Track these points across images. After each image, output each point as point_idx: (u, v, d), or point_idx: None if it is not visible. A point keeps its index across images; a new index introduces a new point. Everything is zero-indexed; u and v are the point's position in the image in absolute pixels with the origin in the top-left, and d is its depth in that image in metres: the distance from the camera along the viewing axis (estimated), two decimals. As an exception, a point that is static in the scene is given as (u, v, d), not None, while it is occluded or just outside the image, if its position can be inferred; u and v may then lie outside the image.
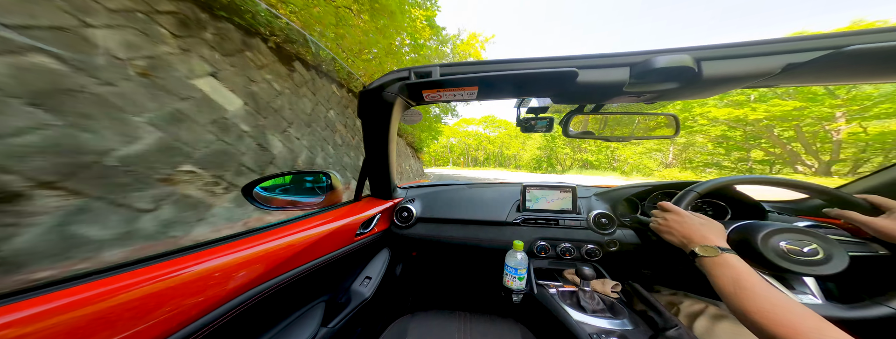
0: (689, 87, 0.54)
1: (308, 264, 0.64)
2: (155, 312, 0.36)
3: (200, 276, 0.41)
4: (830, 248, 0.56)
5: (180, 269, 0.40)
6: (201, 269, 0.42)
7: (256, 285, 0.50)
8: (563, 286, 0.81)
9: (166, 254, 0.43)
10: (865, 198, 0.62)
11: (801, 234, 0.58)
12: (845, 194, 0.64)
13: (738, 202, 0.90)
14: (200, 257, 0.43)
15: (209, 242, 0.49)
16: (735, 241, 0.63)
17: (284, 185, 0.91)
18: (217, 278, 0.43)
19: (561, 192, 0.99)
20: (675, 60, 0.49)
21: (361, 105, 0.70)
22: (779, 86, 0.61)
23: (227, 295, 0.44)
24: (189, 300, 0.39)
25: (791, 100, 17.97)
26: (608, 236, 0.90)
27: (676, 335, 0.58)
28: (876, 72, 0.50)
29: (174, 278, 0.38)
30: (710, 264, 0.52)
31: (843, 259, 0.54)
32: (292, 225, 0.65)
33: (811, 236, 0.58)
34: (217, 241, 0.50)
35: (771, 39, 0.47)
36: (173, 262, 0.40)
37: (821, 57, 0.44)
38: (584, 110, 0.76)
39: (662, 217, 0.68)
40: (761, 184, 0.72)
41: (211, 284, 0.42)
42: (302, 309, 0.73)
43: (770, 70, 0.48)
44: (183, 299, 0.39)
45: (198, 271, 0.41)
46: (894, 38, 0.42)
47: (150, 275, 0.37)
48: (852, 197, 0.63)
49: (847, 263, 0.54)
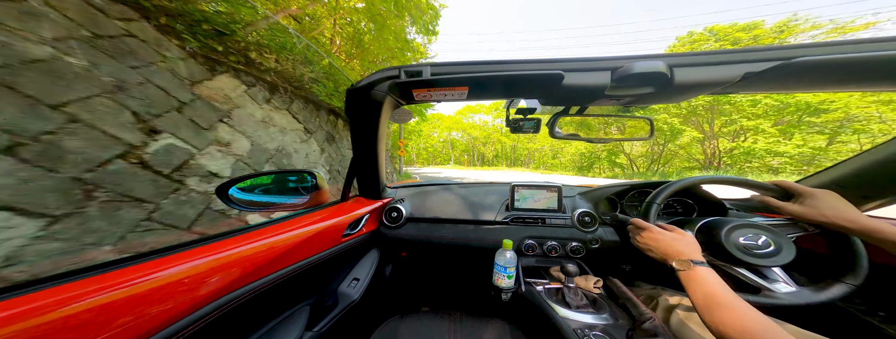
0: (662, 91, 0.58)
1: (291, 267, 0.62)
2: (113, 323, 0.33)
3: (167, 282, 0.39)
4: (780, 240, 0.63)
5: (142, 276, 0.37)
6: (168, 274, 0.39)
7: (233, 289, 0.48)
8: (549, 284, 0.83)
9: (125, 260, 0.40)
10: (776, 183, 0.68)
11: (755, 228, 0.65)
12: (757, 182, 0.70)
13: (703, 201, 0.97)
14: (166, 262, 0.41)
15: (178, 246, 0.46)
16: (703, 241, 0.68)
17: (265, 185, 0.87)
18: (187, 283, 0.41)
19: (548, 191, 1.01)
20: (650, 66, 0.51)
21: (349, 103, 0.68)
22: (740, 93, 0.66)
23: (199, 301, 0.42)
24: (154, 307, 0.37)
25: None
26: (591, 233, 0.93)
27: (651, 328, 0.61)
28: (819, 82, 0.55)
29: (137, 286, 0.36)
30: (685, 277, 0.54)
31: (791, 249, 0.61)
32: (274, 227, 0.62)
33: (763, 229, 0.64)
34: (186, 245, 0.47)
35: (732, 49, 0.51)
36: (134, 269, 0.38)
37: (773, 67, 0.48)
38: (569, 112, 0.79)
39: (639, 234, 0.70)
40: (694, 185, 0.78)
41: (180, 290, 0.40)
42: (284, 313, 0.70)
43: (731, 78, 0.51)
44: (147, 307, 0.36)
45: (164, 277, 0.39)
46: (834, 51, 0.46)
47: (106, 284, 0.34)
48: (764, 183, 0.70)
49: (795, 252, 0.61)
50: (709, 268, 0.54)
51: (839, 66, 0.47)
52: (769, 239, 0.63)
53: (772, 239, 0.63)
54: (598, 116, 0.87)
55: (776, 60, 0.48)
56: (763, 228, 0.65)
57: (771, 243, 0.62)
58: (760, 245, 0.62)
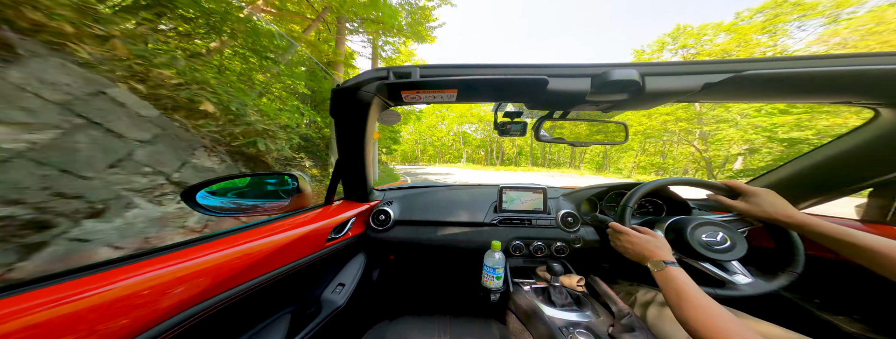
0: (635, 98, 0.61)
1: (269, 275, 0.58)
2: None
3: (122, 295, 0.35)
4: (734, 236, 0.70)
5: (90, 290, 0.34)
6: (122, 286, 0.36)
7: (202, 300, 0.45)
8: (535, 283, 0.85)
9: (67, 273, 0.36)
10: (726, 183, 0.76)
11: (714, 226, 0.72)
12: (712, 182, 0.78)
13: (671, 201, 1.05)
14: (121, 273, 0.37)
15: (136, 255, 0.42)
16: (672, 239, 0.74)
17: (240, 188, 0.81)
18: (146, 296, 0.37)
19: (534, 193, 1.04)
20: (625, 74, 0.55)
21: (334, 104, 0.66)
22: (702, 101, 0.72)
23: (160, 315, 0.39)
24: (108, 323, 0.33)
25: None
26: (574, 233, 0.97)
27: (629, 323, 0.64)
28: (767, 93, 0.61)
29: (83, 301, 0.32)
30: (658, 276, 0.58)
31: (744, 244, 0.69)
32: (250, 232, 0.59)
33: (719, 227, 0.71)
34: (146, 254, 0.43)
35: (694, 61, 0.56)
36: (80, 282, 0.34)
37: (727, 78, 0.53)
38: (553, 116, 0.82)
39: (617, 238, 0.74)
40: (661, 187, 0.84)
41: (138, 303, 0.36)
42: (262, 323, 0.65)
43: (693, 87, 0.56)
44: (98, 323, 0.33)
45: (117, 290, 0.35)
46: (777, 66, 0.52)
47: (44, 299, 0.31)
48: (716, 183, 0.77)
49: (747, 246, 0.69)
50: (679, 268, 0.58)
51: (782, 79, 0.53)
52: (726, 235, 0.70)
53: (728, 235, 0.70)
54: (579, 121, 0.92)
55: (730, 72, 0.53)
56: (719, 225, 0.72)
57: (727, 239, 0.69)
58: (719, 241, 0.69)
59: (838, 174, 0.77)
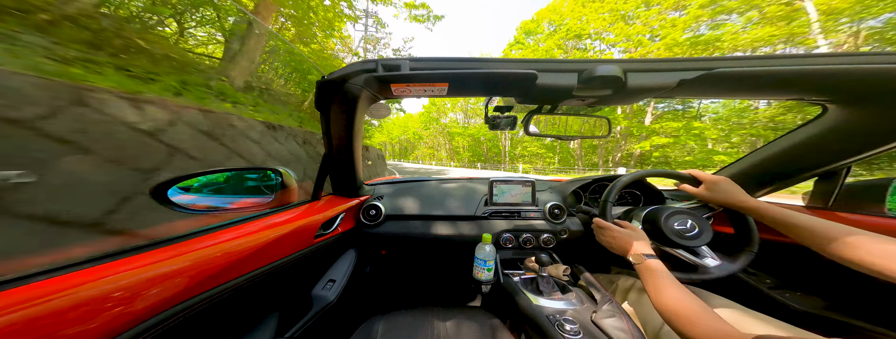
0: (618, 94, 0.63)
1: (254, 273, 0.56)
2: None
3: (89, 297, 0.33)
4: (701, 223, 0.76)
5: (53, 292, 0.31)
6: (90, 288, 0.33)
7: (180, 300, 0.42)
8: (524, 274, 0.87)
9: (31, 276, 0.33)
10: (689, 172, 0.81)
11: (683, 215, 0.77)
12: (678, 172, 0.84)
13: (647, 191, 1.11)
14: (87, 274, 0.34)
15: (103, 256, 0.39)
16: (648, 230, 0.79)
17: (216, 184, 0.76)
18: (117, 299, 0.35)
19: (523, 186, 1.06)
20: (609, 70, 0.56)
21: (319, 96, 0.64)
22: (679, 97, 0.76)
23: (134, 318, 0.37)
24: (73, 328, 0.31)
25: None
26: (560, 225, 1.00)
27: (610, 309, 0.68)
28: (733, 90, 0.65)
29: (46, 304, 0.30)
30: (639, 269, 0.62)
31: (709, 231, 0.75)
32: (230, 229, 0.56)
33: (688, 215, 0.77)
34: (115, 254, 0.40)
35: (671, 59, 0.58)
36: (44, 284, 0.31)
37: (700, 76, 0.56)
38: (542, 111, 0.83)
39: (601, 234, 0.78)
40: (638, 178, 0.90)
41: (107, 306, 0.34)
42: (249, 321, 0.63)
43: (670, 83, 0.58)
44: (60, 328, 0.30)
45: (84, 292, 0.33)
46: (742, 65, 0.55)
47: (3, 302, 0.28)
48: (681, 173, 0.83)
49: (712, 233, 0.75)
50: (657, 260, 0.62)
51: (747, 77, 0.56)
52: (694, 222, 0.75)
53: (696, 223, 0.76)
54: (565, 115, 0.94)
55: (702, 69, 0.55)
56: (688, 213, 0.78)
57: (696, 226, 0.75)
58: (689, 229, 0.75)
59: (790, 164, 0.84)
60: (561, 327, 0.62)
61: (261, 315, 0.67)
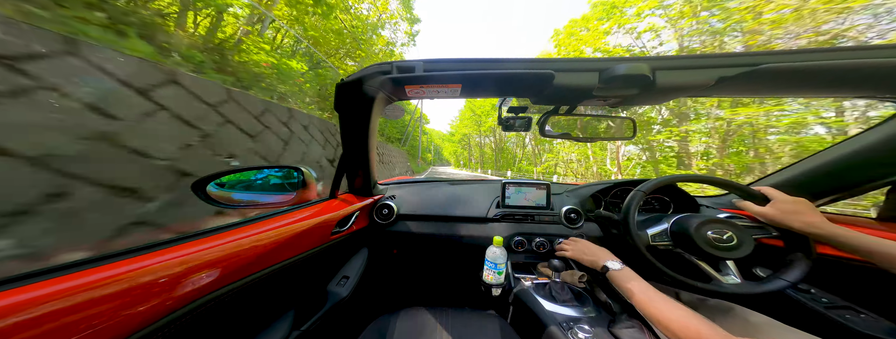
0: (645, 93, 0.60)
1: (277, 266, 0.60)
2: (79, 327, 0.31)
3: (141, 283, 0.37)
4: (742, 235, 0.69)
5: (114, 277, 0.35)
6: (142, 274, 0.37)
7: (213, 289, 0.46)
8: (537, 279, 0.85)
9: (93, 260, 0.37)
10: (760, 190, 0.74)
11: (721, 224, 0.71)
12: (746, 187, 0.76)
13: (678, 198, 1.03)
14: (140, 261, 0.39)
15: (152, 244, 0.44)
16: (676, 233, 0.74)
17: (247, 181, 0.83)
18: (162, 284, 0.39)
19: (537, 189, 1.04)
20: (635, 68, 0.53)
21: (338, 98, 0.67)
22: (715, 96, 0.70)
23: (175, 302, 0.41)
24: (127, 309, 0.35)
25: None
26: (577, 229, 0.96)
27: (629, 321, 0.64)
28: (784, 87, 0.59)
29: (107, 287, 0.34)
30: (610, 278, 0.66)
31: (750, 244, 0.68)
32: (259, 224, 0.60)
33: (728, 225, 0.70)
34: (162, 244, 0.45)
35: (708, 54, 0.54)
36: (103, 268, 0.35)
37: (743, 72, 0.51)
38: (559, 112, 0.80)
39: (571, 248, 0.82)
40: (667, 183, 0.82)
41: (154, 291, 0.38)
42: (270, 312, 0.68)
43: (707, 81, 0.54)
44: (119, 309, 0.34)
45: (137, 277, 0.37)
46: (794, 59, 0.50)
47: (72, 285, 0.32)
48: (751, 189, 0.75)
49: (753, 246, 0.68)
50: (623, 270, 0.66)
51: (800, 72, 0.51)
52: (733, 234, 0.69)
53: (736, 234, 0.69)
54: (585, 116, 0.90)
55: (746, 65, 0.51)
56: (730, 224, 0.71)
57: (734, 238, 0.68)
58: (724, 240, 0.68)
59: (855, 173, 0.75)
60: (574, 334, 0.60)
61: (281, 307, 0.71)
